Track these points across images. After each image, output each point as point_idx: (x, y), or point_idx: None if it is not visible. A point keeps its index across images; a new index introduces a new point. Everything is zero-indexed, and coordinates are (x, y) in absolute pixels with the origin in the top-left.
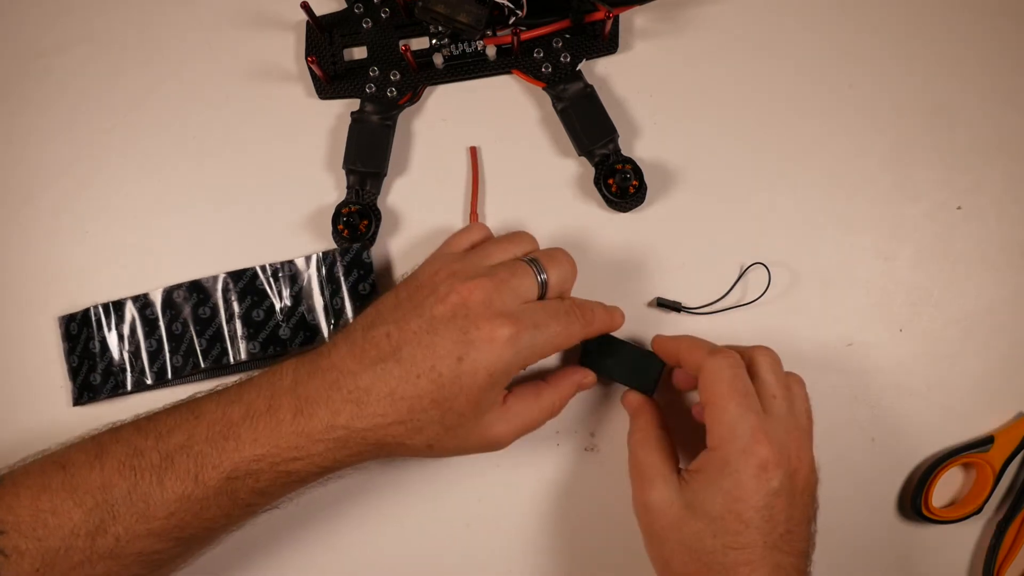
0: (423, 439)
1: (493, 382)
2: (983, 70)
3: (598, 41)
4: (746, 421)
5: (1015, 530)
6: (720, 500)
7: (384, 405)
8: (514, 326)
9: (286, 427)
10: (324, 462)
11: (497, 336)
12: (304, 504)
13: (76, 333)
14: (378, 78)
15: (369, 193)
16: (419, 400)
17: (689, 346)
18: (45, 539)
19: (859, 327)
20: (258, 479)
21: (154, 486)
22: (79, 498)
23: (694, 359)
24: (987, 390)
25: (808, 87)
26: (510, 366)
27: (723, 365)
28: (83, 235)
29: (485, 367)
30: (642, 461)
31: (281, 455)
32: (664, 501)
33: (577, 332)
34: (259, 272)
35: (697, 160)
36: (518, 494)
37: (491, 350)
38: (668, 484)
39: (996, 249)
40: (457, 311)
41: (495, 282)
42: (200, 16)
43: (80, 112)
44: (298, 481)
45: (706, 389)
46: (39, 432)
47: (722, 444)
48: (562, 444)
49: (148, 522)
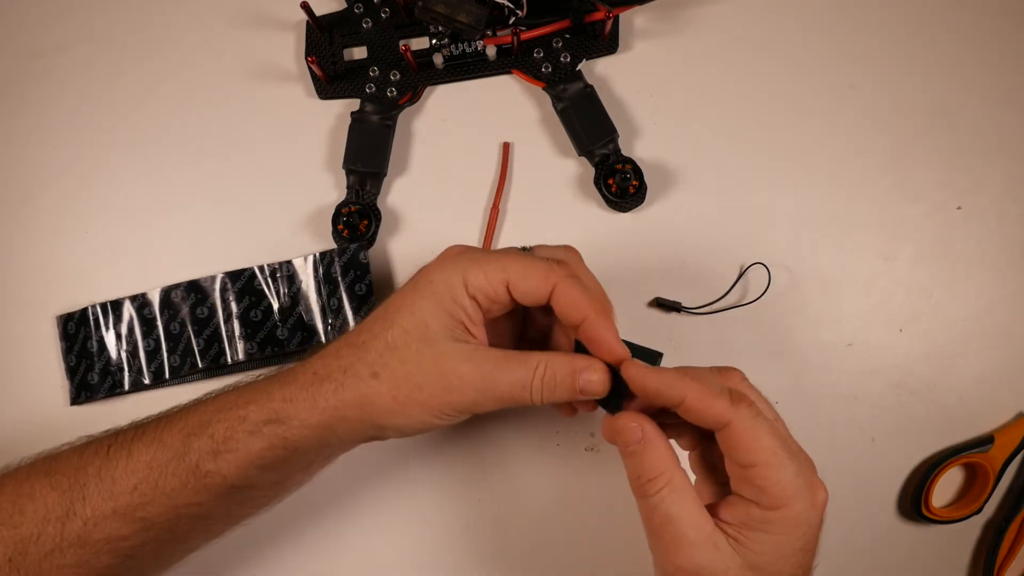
0: (367, 363)
1: (430, 291)
2: (983, 70)
3: (598, 41)
4: (801, 473)
5: (1015, 530)
6: (792, 559)
7: (343, 336)
8: (463, 248)
9: (257, 385)
10: (273, 402)
11: (445, 254)
12: (303, 505)
13: (74, 332)
14: (378, 78)
15: (369, 193)
16: (371, 322)
17: (701, 393)
18: (20, 525)
19: (859, 327)
20: (212, 433)
21: (123, 458)
22: (56, 480)
23: (715, 411)
24: (987, 390)
25: (808, 87)
26: (447, 275)
27: (758, 420)
28: (83, 235)
29: (424, 276)
30: (675, 518)
31: (239, 400)
32: (719, 564)
33: (539, 269)
34: (257, 272)
35: (697, 160)
36: (518, 494)
37: (431, 264)
38: (719, 542)
39: (996, 249)
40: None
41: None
42: (200, 16)
43: (80, 112)
44: (248, 432)
45: (745, 448)
46: (37, 431)
47: (788, 503)
48: (562, 444)
49: (114, 499)
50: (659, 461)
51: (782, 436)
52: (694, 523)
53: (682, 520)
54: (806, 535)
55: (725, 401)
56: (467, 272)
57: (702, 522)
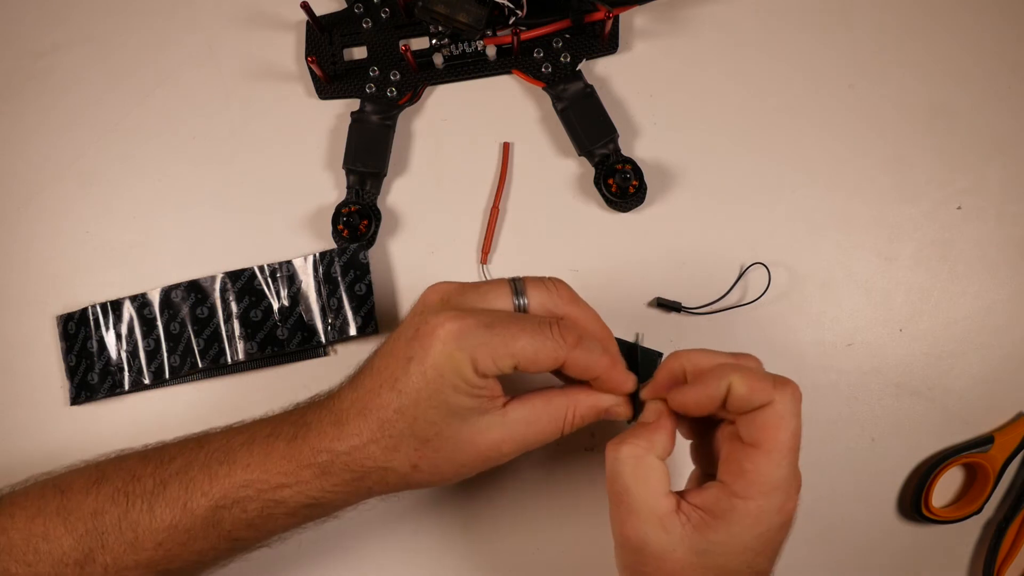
0: (404, 459)
1: (445, 381)
2: (983, 70)
3: (598, 41)
4: (792, 476)
5: (1015, 530)
6: (742, 556)
7: (358, 423)
8: (461, 320)
9: (279, 452)
10: (311, 491)
11: (440, 328)
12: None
13: (74, 332)
14: (378, 78)
15: (369, 193)
16: (384, 411)
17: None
18: (35, 564)
19: (859, 327)
20: (245, 508)
21: (144, 513)
22: (71, 524)
23: (760, 391)
24: (987, 390)
25: (808, 87)
26: (455, 362)
27: (795, 411)
28: (83, 235)
29: (431, 363)
30: (632, 490)
31: (270, 481)
32: (665, 545)
33: (547, 349)
34: (257, 272)
35: (697, 160)
36: (518, 494)
37: (433, 343)
38: (670, 525)
39: (996, 249)
40: (416, 312)
41: (462, 285)
42: (200, 16)
43: (80, 112)
44: (286, 514)
45: (769, 430)
46: (37, 431)
47: (757, 496)
48: (562, 444)
49: (137, 552)
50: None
51: (798, 445)
52: (649, 502)
53: (637, 494)
54: (762, 536)
55: (770, 383)
56: (475, 356)
57: (658, 503)
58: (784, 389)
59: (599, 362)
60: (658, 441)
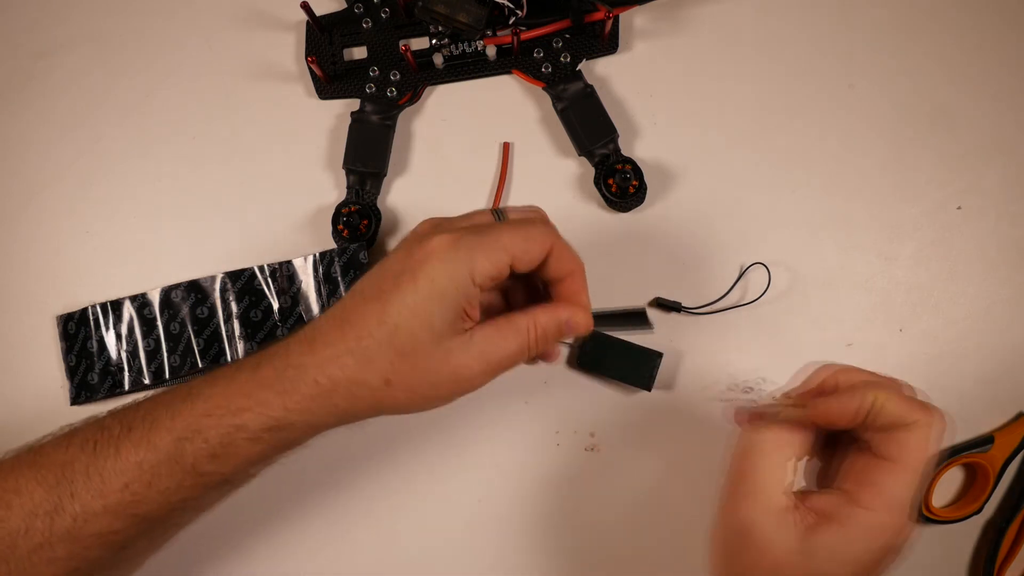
0: (378, 372)
1: (438, 291)
2: (983, 71)
3: (598, 41)
4: (913, 506)
5: (1015, 530)
6: (847, 567)
7: (333, 333)
8: (454, 233)
9: (241, 379)
10: (274, 411)
11: (434, 243)
12: (302, 506)
13: (74, 332)
14: (378, 78)
15: (369, 193)
16: (364, 320)
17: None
18: (6, 520)
19: (859, 327)
20: (207, 439)
21: (111, 458)
22: (41, 475)
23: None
24: (987, 390)
25: (808, 87)
26: (454, 273)
27: (940, 438)
28: (83, 235)
29: (425, 275)
30: (759, 473)
31: (230, 406)
32: (777, 536)
33: (536, 234)
34: (257, 272)
35: (697, 160)
36: (518, 494)
37: (429, 258)
38: (786, 517)
39: (996, 249)
40: (406, 241)
41: (447, 218)
42: (201, 16)
43: (81, 112)
44: (248, 439)
45: (907, 448)
46: (37, 431)
47: (881, 509)
48: (562, 444)
49: (104, 497)
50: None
51: (933, 466)
52: (770, 490)
53: (763, 481)
54: (873, 553)
55: (918, 405)
56: (473, 264)
57: (779, 494)
58: (935, 413)
59: (574, 257)
60: (797, 440)
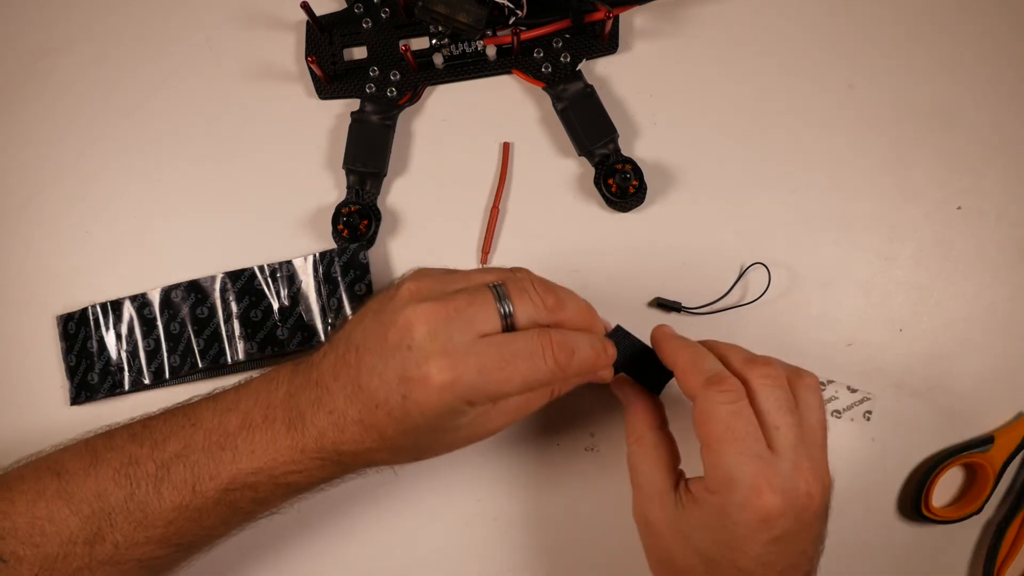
0: (407, 457)
1: (443, 420)
2: (983, 70)
3: (598, 41)
4: (745, 469)
5: (1015, 530)
6: (715, 547)
7: (358, 431)
8: (452, 371)
9: (281, 441)
10: (322, 474)
11: (431, 380)
12: (305, 507)
13: (74, 332)
14: (378, 78)
15: (369, 193)
16: (384, 430)
17: (686, 365)
18: (43, 545)
19: (859, 327)
20: (257, 490)
21: (151, 495)
22: (75, 506)
23: (689, 385)
24: (987, 390)
25: (808, 87)
26: (453, 407)
27: (718, 401)
28: (83, 235)
29: (429, 407)
30: (638, 470)
31: (278, 468)
32: (660, 521)
33: (544, 374)
34: (257, 272)
35: (697, 160)
36: (518, 494)
37: (427, 393)
38: (664, 504)
39: (996, 249)
40: (403, 340)
41: (447, 311)
42: (200, 16)
43: (81, 112)
44: (297, 491)
45: (700, 426)
46: (37, 431)
47: (719, 490)
48: (562, 444)
49: (147, 530)
50: (637, 423)
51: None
52: (649, 478)
53: (642, 473)
54: (732, 531)
55: (699, 380)
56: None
57: (656, 479)
58: (711, 386)
59: (589, 364)
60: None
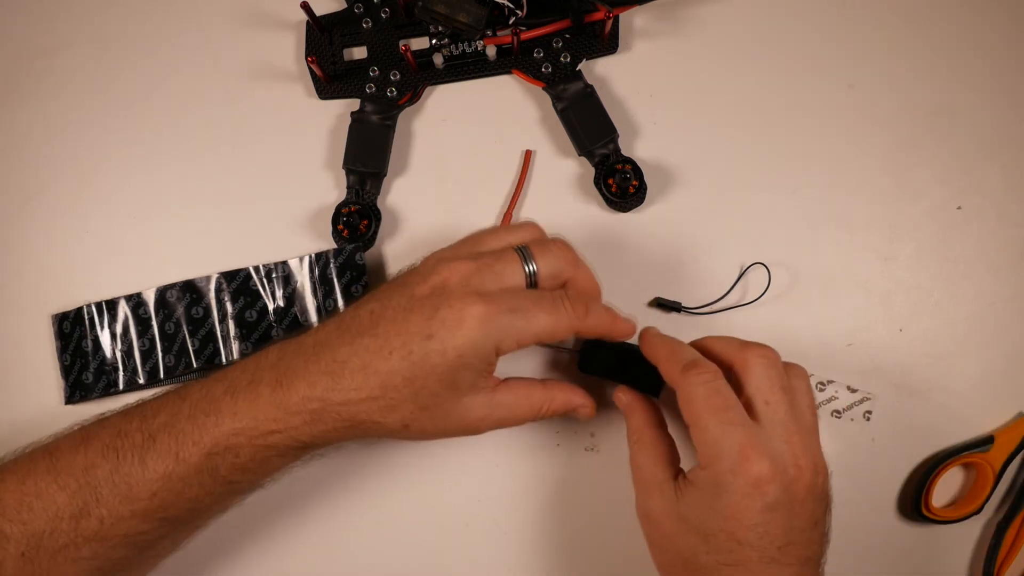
0: (397, 418)
1: (464, 363)
2: (983, 70)
3: (598, 41)
4: (731, 437)
5: (1015, 530)
6: (712, 519)
7: (358, 379)
8: (486, 305)
9: (264, 399)
10: (302, 436)
11: (467, 315)
12: (301, 504)
13: (69, 331)
14: (378, 78)
15: (369, 193)
16: (391, 376)
17: (666, 358)
18: (30, 522)
19: (859, 327)
20: (238, 454)
21: (136, 466)
22: (62, 481)
23: (670, 375)
24: (987, 390)
25: (808, 87)
26: (480, 347)
27: (696, 383)
28: (80, 234)
29: (454, 346)
30: (639, 466)
31: (259, 428)
32: (661, 511)
33: (563, 324)
34: (252, 273)
35: (697, 160)
36: (518, 494)
37: (459, 329)
38: (664, 493)
39: (996, 249)
40: (435, 290)
41: (478, 265)
42: (200, 16)
43: (79, 111)
44: (278, 455)
45: (684, 409)
46: (31, 430)
47: (711, 463)
48: (562, 444)
49: (131, 503)
50: (637, 423)
51: (719, 405)
52: (650, 471)
53: (642, 468)
54: (726, 499)
55: (678, 368)
56: (501, 343)
57: (658, 471)
58: (688, 371)
59: (604, 323)
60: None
